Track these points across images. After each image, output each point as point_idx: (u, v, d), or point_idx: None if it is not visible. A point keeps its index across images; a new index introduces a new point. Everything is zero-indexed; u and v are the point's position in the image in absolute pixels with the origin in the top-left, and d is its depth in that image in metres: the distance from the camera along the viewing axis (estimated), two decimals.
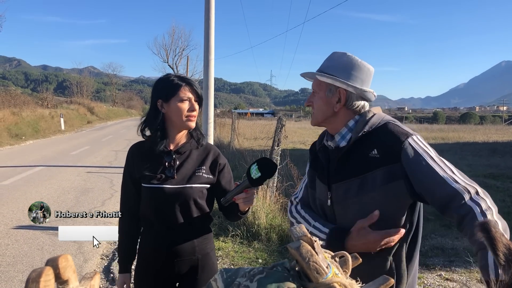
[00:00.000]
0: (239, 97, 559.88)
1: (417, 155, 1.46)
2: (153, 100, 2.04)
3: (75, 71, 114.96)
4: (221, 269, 1.00)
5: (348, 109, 1.64)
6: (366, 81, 1.64)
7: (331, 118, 1.66)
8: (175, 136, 2.06)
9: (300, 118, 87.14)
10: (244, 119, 27.73)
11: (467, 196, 1.36)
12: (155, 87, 2.06)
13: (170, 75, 2.06)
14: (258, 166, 1.60)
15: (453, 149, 19.92)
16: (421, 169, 1.44)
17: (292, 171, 6.29)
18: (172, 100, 1.97)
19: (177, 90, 1.97)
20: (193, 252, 2.03)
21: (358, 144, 1.57)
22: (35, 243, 5.49)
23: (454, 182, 1.39)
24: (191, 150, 2.08)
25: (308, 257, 0.90)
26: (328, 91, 1.64)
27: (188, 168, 2.04)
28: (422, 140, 1.51)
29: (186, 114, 1.98)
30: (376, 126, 1.56)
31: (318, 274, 0.88)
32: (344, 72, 1.61)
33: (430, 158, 1.45)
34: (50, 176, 10.37)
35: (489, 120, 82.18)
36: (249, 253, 5.16)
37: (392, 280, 0.98)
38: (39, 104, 34.31)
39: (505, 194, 8.81)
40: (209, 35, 10.35)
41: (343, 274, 1.01)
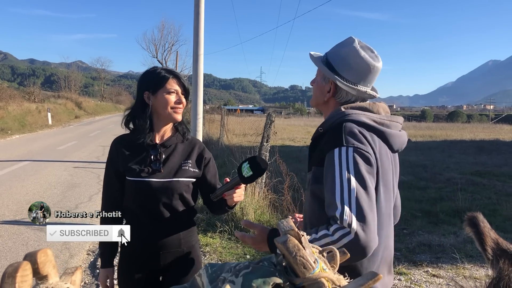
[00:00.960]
0: (229, 93, 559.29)
1: (331, 166, 1.40)
2: (139, 92, 2.02)
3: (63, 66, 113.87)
4: (206, 264, 0.98)
5: (336, 101, 1.61)
6: (366, 79, 1.57)
7: (323, 105, 1.66)
8: (160, 129, 2.05)
9: (290, 115, 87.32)
10: (234, 115, 27.66)
11: (335, 220, 1.32)
12: (142, 79, 2.05)
13: (157, 67, 2.06)
14: (250, 165, 1.60)
15: (440, 147, 20.11)
16: (326, 181, 1.41)
17: (281, 168, 6.28)
18: (159, 92, 1.97)
19: (165, 82, 1.97)
20: (178, 245, 2.05)
21: (317, 140, 1.57)
22: (19, 238, 5.42)
23: (339, 205, 1.33)
24: (177, 143, 2.08)
25: (295, 251, 0.88)
26: (323, 79, 1.63)
27: (174, 162, 2.04)
28: (352, 156, 1.40)
29: (172, 105, 1.98)
30: (331, 126, 1.52)
31: (305, 269, 0.86)
32: (343, 65, 1.57)
33: (339, 173, 1.38)
34: (36, 171, 10.25)
35: (476, 118, 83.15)
36: (237, 249, 5.15)
37: (381, 275, 0.96)
38: (26, 98, 33.87)
39: (491, 192, 8.90)
40: (198, 30, 10.28)
41: (331, 269, 0.99)
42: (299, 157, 12.68)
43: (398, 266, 4.65)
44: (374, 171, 1.42)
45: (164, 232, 2.02)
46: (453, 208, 7.18)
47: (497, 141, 23.42)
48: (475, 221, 0.90)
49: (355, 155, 1.39)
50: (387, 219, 1.53)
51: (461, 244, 5.29)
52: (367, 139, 1.45)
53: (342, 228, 1.29)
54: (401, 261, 4.83)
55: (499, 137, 27.16)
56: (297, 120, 56.12)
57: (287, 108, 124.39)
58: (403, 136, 1.62)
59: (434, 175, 11.13)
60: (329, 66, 1.60)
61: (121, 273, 2.12)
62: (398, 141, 1.58)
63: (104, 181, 2.10)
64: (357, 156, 1.40)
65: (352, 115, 1.50)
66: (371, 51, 1.58)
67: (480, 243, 0.89)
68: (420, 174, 11.06)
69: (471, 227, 0.90)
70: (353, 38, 1.60)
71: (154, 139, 2.03)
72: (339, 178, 1.36)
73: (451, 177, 10.61)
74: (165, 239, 2.02)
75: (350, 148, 1.40)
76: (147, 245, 2.01)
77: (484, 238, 0.89)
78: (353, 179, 1.35)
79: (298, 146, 18.94)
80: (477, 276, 4.48)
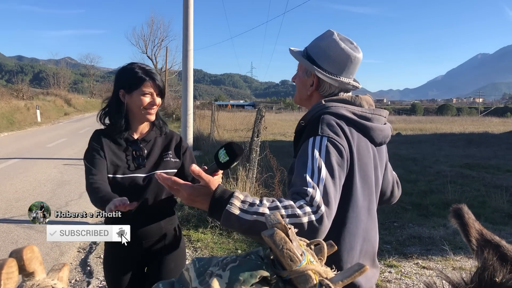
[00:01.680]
0: (220, 88, 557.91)
1: (304, 153, 1.40)
2: (115, 89, 2.06)
3: (51, 62, 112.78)
4: (194, 259, 0.98)
5: (320, 94, 1.61)
6: (347, 70, 1.57)
7: (306, 100, 1.66)
8: (137, 126, 2.11)
9: (281, 110, 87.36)
10: (225, 111, 27.62)
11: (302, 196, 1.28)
12: (118, 76, 2.07)
13: (134, 65, 2.06)
14: (226, 151, 1.63)
15: (430, 140, 20.26)
16: (297, 166, 1.40)
17: (272, 162, 6.29)
18: (134, 93, 2.01)
19: (140, 84, 2.00)
20: (160, 232, 2.13)
21: (300, 133, 1.56)
22: (9, 236, 5.38)
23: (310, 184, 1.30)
24: (156, 137, 2.15)
25: (282, 244, 0.88)
26: (304, 73, 1.63)
27: (155, 155, 2.11)
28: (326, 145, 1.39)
29: (145, 106, 2.02)
30: (312, 117, 1.52)
31: (292, 262, 0.86)
32: (323, 57, 1.57)
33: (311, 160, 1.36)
34: (26, 168, 10.17)
35: (466, 111, 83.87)
36: (228, 244, 5.15)
37: (367, 267, 0.97)
38: (14, 95, 33.53)
39: (480, 184, 8.99)
40: (188, 25, 10.25)
41: (318, 261, 0.99)
42: (290, 152, 12.62)
43: (389, 258, 4.69)
44: (345, 165, 1.40)
45: (147, 222, 2.08)
46: (443, 201, 7.24)
47: (486, 134, 23.67)
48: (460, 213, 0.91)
49: (328, 144, 1.39)
50: (365, 212, 1.52)
51: (450, 236, 5.34)
52: (344, 132, 1.44)
53: (310, 205, 1.25)
54: (391, 253, 4.87)
55: (488, 130, 27.45)
56: (288, 115, 56.17)
57: (278, 103, 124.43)
58: (386, 129, 1.61)
59: (424, 168, 11.22)
60: (310, 59, 1.59)
61: (107, 268, 2.17)
62: (380, 134, 1.57)
63: (88, 167, 2.04)
64: (330, 146, 1.39)
65: (332, 107, 1.50)
66: (351, 42, 1.58)
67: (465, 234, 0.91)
68: (410, 167, 11.14)
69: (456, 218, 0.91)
70: (332, 31, 1.60)
71: (132, 135, 2.09)
72: (311, 164, 1.35)
73: (441, 170, 10.70)
74: (147, 228, 2.09)
75: (324, 138, 1.40)
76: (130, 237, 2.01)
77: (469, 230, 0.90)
78: (324, 167, 1.34)
79: (289, 141, 18.96)
80: (466, 267, 4.53)
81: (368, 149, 1.52)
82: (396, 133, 24.34)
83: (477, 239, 0.87)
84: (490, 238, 0.90)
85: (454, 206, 0.94)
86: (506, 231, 5.75)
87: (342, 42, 1.56)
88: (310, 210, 1.24)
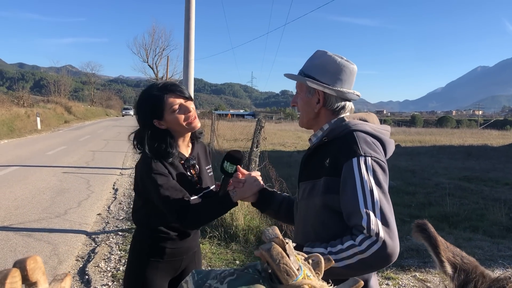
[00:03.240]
0: (220, 98, 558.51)
1: (351, 175, 1.43)
2: (148, 124, 1.93)
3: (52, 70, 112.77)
4: (193, 271, 1.00)
5: (328, 110, 1.64)
6: (347, 81, 1.63)
7: (314, 119, 1.68)
8: (184, 141, 2.05)
9: (281, 120, 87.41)
10: (225, 120, 27.69)
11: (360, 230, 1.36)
12: (141, 109, 1.96)
13: (149, 89, 1.97)
14: (229, 162, 1.91)
15: (429, 152, 20.28)
16: (346, 191, 1.43)
17: (271, 173, 6.30)
18: (165, 115, 1.90)
19: (163, 103, 1.89)
20: (194, 247, 2.15)
21: (319, 149, 1.60)
22: (7, 244, 5.38)
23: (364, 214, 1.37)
24: (198, 151, 2.14)
25: (279, 259, 0.90)
26: (308, 92, 1.66)
27: (204, 171, 2.12)
28: (371, 165, 1.44)
29: (184, 119, 1.92)
30: (338, 135, 1.55)
31: (288, 276, 0.88)
32: (322, 73, 1.62)
33: (360, 182, 1.41)
34: (25, 176, 10.17)
35: (465, 124, 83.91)
36: (226, 254, 5.15)
37: (362, 282, 0.99)
38: (14, 102, 33.57)
39: (478, 197, 9.00)
40: (189, 35, 10.31)
41: (315, 276, 1.01)
42: (289, 162, 12.71)
43: (386, 271, 4.69)
44: (387, 179, 1.48)
45: (188, 238, 2.08)
46: (442, 213, 7.25)
47: (485, 147, 23.70)
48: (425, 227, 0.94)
49: (374, 164, 1.45)
50: None
51: None
52: (378, 148, 1.52)
53: (369, 238, 1.33)
54: (389, 266, 4.86)
55: (488, 143, 27.48)
56: (288, 125, 56.21)
57: (278, 113, 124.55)
58: (393, 143, 1.70)
59: (423, 180, 11.23)
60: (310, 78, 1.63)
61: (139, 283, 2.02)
62: (391, 148, 1.65)
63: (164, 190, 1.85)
64: (376, 165, 1.45)
65: (358, 125, 1.55)
66: (341, 57, 1.65)
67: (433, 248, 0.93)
68: (409, 179, 11.15)
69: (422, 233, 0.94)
70: (323, 50, 1.67)
71: (181, 152, 2.02)
72: (361, 187, 1.40)
73: (440, 182, 10.71)
74: (189, 244, 2.10)
75: (368, 158, 1.45)
76: (174, 253, 2.04)
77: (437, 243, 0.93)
78: (376, 188, 1.40)
79: (288, 151, 18.99)
80: None
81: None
82: (396, 144, 24.31)
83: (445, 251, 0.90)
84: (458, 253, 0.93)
85: (417, 221, 0.97)
86: (504, 244, 5.76)
87: (336, 57, 1.63)
88: (370, 242, 1.32)
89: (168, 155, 1.91)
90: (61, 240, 5.61)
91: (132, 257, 2.07)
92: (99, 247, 5.45)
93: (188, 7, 10.23)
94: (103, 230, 6.19)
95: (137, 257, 2.03)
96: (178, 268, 2.07)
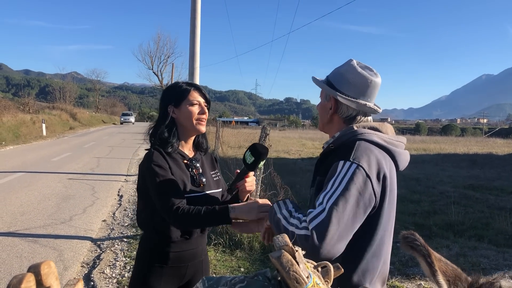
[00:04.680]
0: (224, 105, 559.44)
1: (331, 176, 1.48)
2: (163, 106, 2.04)
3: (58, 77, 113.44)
4: (203, 278, 1.02)
5: (340, 117, 1.67)
6: (364, 92, 1.63)
7: (328, 124, 1.72)
8: (187, 141, 2.09)
9: (285, 127, 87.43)
10: (229, 127, 27.69)
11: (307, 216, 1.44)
12: (164, 94, 2.09)
13: (178, 82, 2.10)
14: (251, 152, 1.86)
15: (434, 160, 20.20)
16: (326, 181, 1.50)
17: (276, 180, 6.31)
18: (182, 104, 2.00)
19: (187, 94, 2.00)
20: (201, 254, 2.11)
21: (327, 156, 1.64)
22: (13, 250, 5.40)
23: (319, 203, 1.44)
24: (201, 156, 2.16)
25: (289, 266, 0.91)
26: (325, 98, 1.71)
27: (208, 174, 2.11)
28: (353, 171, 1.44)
29: (196, 117, 2.00)
30: (344, 143, 1.58)
31: (298, 284, 0.90)
32: (340, 80, 1.65)
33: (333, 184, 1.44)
34: (31, 182, 10.22)
35: (470, 132, 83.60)
36: (231, 261, 5.15)
37: None
38: (20, 109, 33.73)
39: (483, 205, 8.96)
40: (194, 43, 10.38)
41: (325, 284, 1.03)
42: (294, 170, 12.71)
43: (392, 279, 4.68)
44: (367, 194, 1.45)
45: (195, 244, 2.06)
46: (446, 222, 7.22)
47: (491, 155, 23.58)
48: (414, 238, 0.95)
49: (356, 171, 1.45)
50: (388, 235, 1.59)
51: (453, 257, 5.32)
52: (379, 162, 1.50)
53: (305, 222, 1.42)
54: (394, 274, 4.85)
55: (493, 151, 27.34)
56: (292, 132, 56.22)
57: (282, 120, 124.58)
58: (407, 155, 1.69)
59: (428, 188, 11.19)
60: (329, 85, 1.67)
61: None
62: (403, 159, 1.65)
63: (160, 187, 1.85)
64: (357, 173, 1.44)
65: (365, 134, 1.57)
66: (370, 69, 1.66)
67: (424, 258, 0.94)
68: (413, 188, 11.12)
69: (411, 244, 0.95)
70: (351, 59, 1.69)
71: (183, 152, 2.06)
72: (331, 185, 1.44)
73: (445, 191, 10.67)
74: (195, 250, 2.07)
75: (354, 165, 1.46)
76: (178, 258, 2.01)
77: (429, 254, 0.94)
78: (340, 192, 1.41)
79: (293, 158, 18.97)
80: None
81: (395, 174, 1.60)
82: None
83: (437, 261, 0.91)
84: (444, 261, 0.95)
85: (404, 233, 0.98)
86: (510, 253, 5.73)
87: (359, 68, 1.64)
88: (304, 227, 1.40)
89: (167, 144, 1.97)
90: (66, 246, 5.63)
91: (137, 264, 2.07)
92: (104, 254, 5.46)
93: (194, 16, 10.31)
94: (108, 237, 6.21)
95: (142, 263, 2.03)
96: (184, 275, 2.04)
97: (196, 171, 2.04)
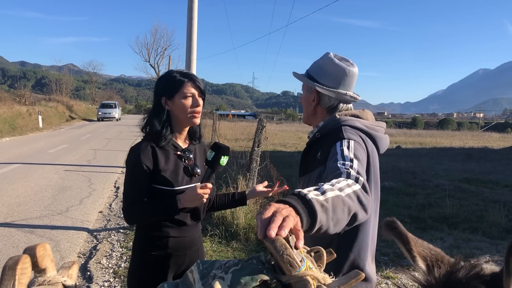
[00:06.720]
0: (221, 98, 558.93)
1: (333, 153, 1.50)
2: (157, 98, 2.01)
3: (54, 68, 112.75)
4: (198, 261, 1.03)
5: (323, 108, 1.76)
6: (343, 82, 1.70)
7: (312, 116, 1.81)
8: (181, 133, 2.07)
9: (282, 120, 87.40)
10: (226, 120, 27.70)
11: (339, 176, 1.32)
12: (157, 84, 2.04)
13: (172, 71, 2.03)
14: (211, 149, 1.91)
15: (430, 154, 20.28)
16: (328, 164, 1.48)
17: (272, 172, 6.33)
18: (176, 97, 1.95)
19: (180, 86, 1.95)
20: (196, 243, 2.12)
21: (313, 144, 1.72)
22: (10, 240, 5.41)
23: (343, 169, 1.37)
24: (195, 146, 2.15)
25: (283, 250, 0.92)
26: (307, 91, 1.79)
27: (201, 165, 2.10)
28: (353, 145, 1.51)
29: (190, 110, 1.96)
30: (329, 130, 1.65)
31: (291, 267, 0.91)
32: (320, 73, 1.73)
33: (341, 154, 1.47)
34: (27, 173, 10.21)
35: (466, 126, 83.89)
36: (227, 252, 5.18)
37: (363, 274, 1.02)
38: (16, 101, 33.56)
39: (478, 198, 9.02)
40: (191, 35, 10.34)
41: (317, 268, 1.04)
42: (290, 163, 12.74)
43: (386, 270, 4.72)
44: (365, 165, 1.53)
45: (190, 232, 2.07)
46: (441, 214, 7.27)
47: (486, 149, 23.69)
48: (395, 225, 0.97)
49: (356, 144, 1.54)
50: (374, 213, 1.67)
51: (447, 249, 5.36)
52: (364, 141, 1.61)
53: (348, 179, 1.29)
54: (388, 265, 4.89)
55: (488, 145, 27.48)
56: (289, 126, 56.22)
57: (279, 113, 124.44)
58: (387, 139, 1.77)
59: (423, 181, 11.24)
60: (309, 77, 1.75)
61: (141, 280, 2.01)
62: (384, 143, 1.74)
63: (128, 188, 1.94)
64: (357, 145, 1.54)
65: (348, 120, 1.65)
66: (346, 60, 1.74)
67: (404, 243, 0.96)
68: (409, 181, 11.16)
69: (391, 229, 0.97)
70: (328, 52, 1.77)
71: (177, 143, 2.04)
72: (341, 156, 1.45)
73: (440, 184, 10.73)
74: (190, 238, 2.07)
75: (351, 141, 1.54)
76: (176, 248, 2.02)
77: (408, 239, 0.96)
78: (354, 157, 1.45)
79: (289, 151, 19.00)
80: None
81: (377, 157, 1.69)
82: (396, 146, 24.36)
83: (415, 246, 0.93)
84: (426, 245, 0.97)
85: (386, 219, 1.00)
86: (503, 245, 5.77)
87: (336, 59, 1.71)
88: (351, 181, 1.26)
89: (160, 137, 1.95)
90: (63, 237, 5.64)
91: (134, 253, 2.07)
92: (100, 244, 5.48)
93: (190, 7, 10.26)
94: (105, 228, 6.22)
95: (139, 253, 2.04)
96: (182, 264, 2.05)
97: (190, 162, 2.04)
